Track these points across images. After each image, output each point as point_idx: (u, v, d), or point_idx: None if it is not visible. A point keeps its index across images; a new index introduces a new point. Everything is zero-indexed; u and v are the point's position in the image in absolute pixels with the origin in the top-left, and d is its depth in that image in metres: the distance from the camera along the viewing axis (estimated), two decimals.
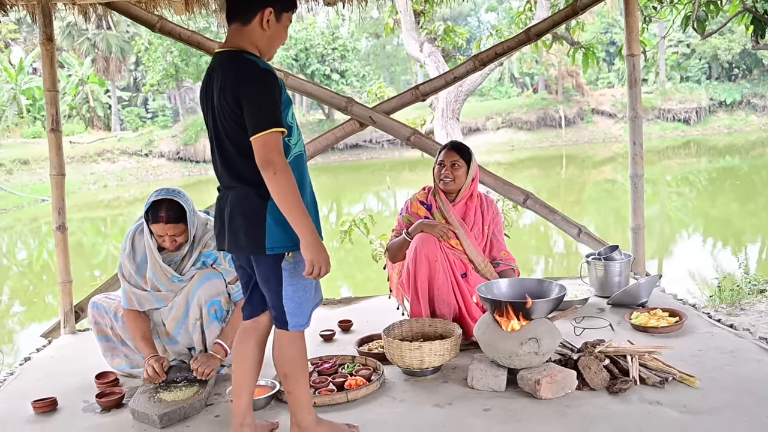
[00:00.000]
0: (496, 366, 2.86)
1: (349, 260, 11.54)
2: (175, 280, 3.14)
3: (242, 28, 2.26)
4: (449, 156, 3.41)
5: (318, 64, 29.86)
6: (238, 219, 2.28)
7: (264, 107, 2.15)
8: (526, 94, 35.82)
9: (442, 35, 8.23)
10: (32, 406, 2.97)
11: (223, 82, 2.20)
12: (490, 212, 3.54)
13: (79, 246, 14.37)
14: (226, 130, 2.24)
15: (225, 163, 2.29)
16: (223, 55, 2.27)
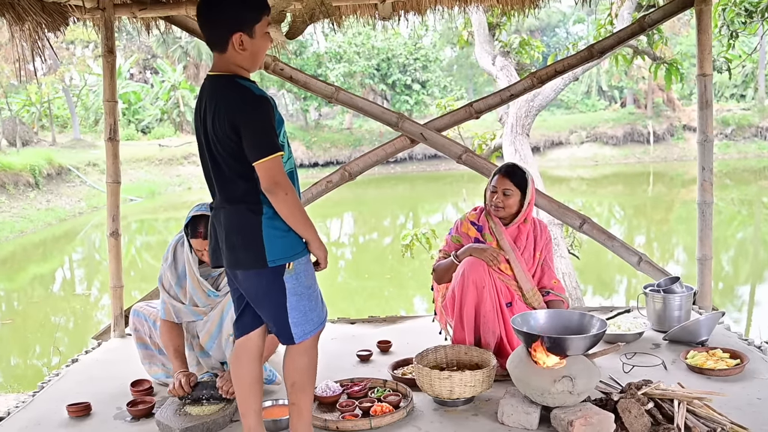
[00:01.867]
0: (528, 402, 2.70)
1: (407, 275, 11.47)
2: (211, 295, 3.15)
3: (223, 55, 2.32)
4: (502, 183, 3.26)
5: (399, 74, 29.91)
6: (235, 236, 2.33)
7: (263, 134, 2.23)
8: (613, 108, 34.66)
9: (518, 48, 8.05)
10: (67, 409, 3.04)
11: (217, 109, 2.25)
12: (543, 238, 3.37)
13: (164, 244, 14.94)
14: (221, 154, 2.29)
15: (220, 183, 2.34)
16: (215, 80, 2.32)
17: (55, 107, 31.36)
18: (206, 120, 2.30)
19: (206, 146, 2.34)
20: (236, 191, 2.31)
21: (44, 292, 11.75)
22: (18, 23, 3.38)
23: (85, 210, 20.02)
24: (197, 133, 2.39)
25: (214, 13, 2.30)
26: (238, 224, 2.32)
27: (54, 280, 12.93)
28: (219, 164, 2.31)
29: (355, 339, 3.95)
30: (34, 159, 20.51)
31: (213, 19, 2.31)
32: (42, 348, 8.08)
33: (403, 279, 11.28)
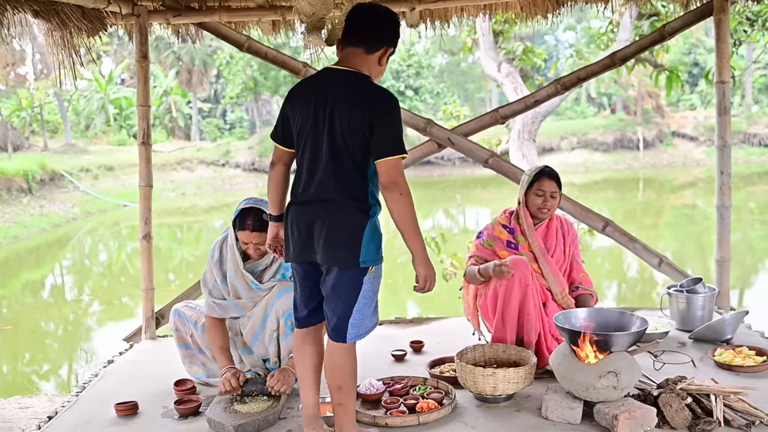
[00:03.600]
0: (571, 398, 2.79)
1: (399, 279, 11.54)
2: (254, 287, 3.21)
3: (365, 55, 2.47)
4: (549, 186, 3.35)
5: (393, 80, 30.09)
6: (339, 232, 2.39)
7: (396, 134, 2.37)
8: (603, 115, 35.01)
9: (521, 55, 8.18)
10: (115, 408, 3.09)
11: (356, 101, 2.36)
12: (570, 234, 3.49)
13: (156, 250, 14.89)
14: (348, 146, 2.37)
15: (337, 176, 2.38)
16: (348, 75, 2.43)
17: (45, 112, 31.18)
18: (333, 109, 2.36)
19: (327, 135, 2.38)
20: (352, 186, 2.39)
21: (38, 298, 11.69)
22: (61, 29, 3.45)
23: (79, 215, 19.92)
24: (308, 120, 2.42)
25: (384, 18, 2.51)
26: (346, 221, 2.38)
27: (45, 287, 12.87)
28: (340, 156, 2.37)
29: (386, 339, 4.03)
30: (27, 164, 20.39)
31: (381, 25, 2.50)
32: (46, 353, 8.07)
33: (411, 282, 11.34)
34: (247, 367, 3.32)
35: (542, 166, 3.43)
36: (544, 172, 3.40)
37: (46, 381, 6.96)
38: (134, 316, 9.80)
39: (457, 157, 28.23)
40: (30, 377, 7.05)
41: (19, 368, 7.42)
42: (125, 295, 11.28)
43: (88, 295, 11.16)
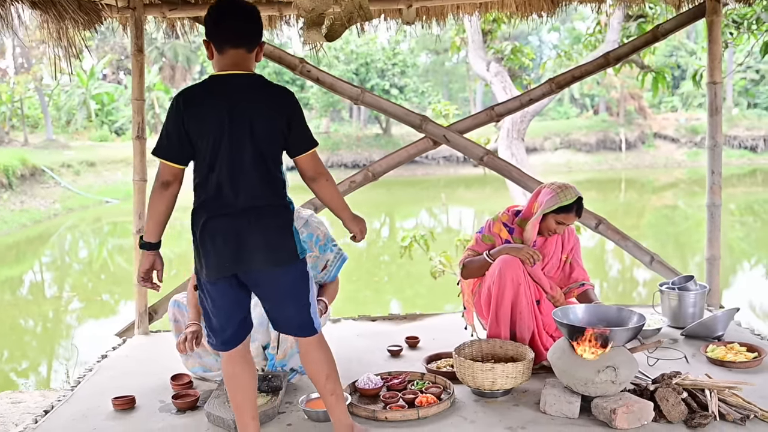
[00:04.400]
0: (570, 392, 2.83)
1: (400, 275, 11.57)
2: None
3: (248, 55, 2.41)
4: (571, 220, 3.33)
5: (378, 79, 30.09)
6: (276, 233, 2.38)
7: (308, 127, 2.43)
8: (586, 116, 35.32)
9: (509, 55, 8.23)
10: (112, 402, 3.08)
11: (269, 105, 2.35)
12: (570, 242, 3.50)
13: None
14: (269, 150, 2.36)
15: (263, 181, 2.36)
16: (248, 78, 2.37)
17: (26, 107, 30.79)
18: (252, 117, 2.31)
19: (249, 143, 2.32)
20: (277, 187, 2.39)
21: (17, 295, 11.54)
22: (58, 21, 3.42)
23: (60, 212, 19.69)
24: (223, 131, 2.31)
25: (254, 13, 2.43)
26: (279, 223, 2.39)
27: (24, 283, 12.71)
28: (264, 161, 2.34)
29: (381, 335, 4.05)
30: (7, 159, 20.09)
31: (255, 22, 2.43)
32: (25, 350, 7.97)
33: (396, 279, 11.36)
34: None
35: (576, 197, 3.29)
36: (580, 211, 3.33)
37: (25, 378, 6.88)
38: (115, 313, 9.75)
39: (441, 156, 28.32)
40: (8, 375, 6.97)
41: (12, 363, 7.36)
42: (106, 292, 11.18)
43: (68, 292, 11.05)
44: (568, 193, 3.29)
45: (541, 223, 3.34)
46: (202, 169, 2.36)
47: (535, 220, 3.32)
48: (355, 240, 2.63)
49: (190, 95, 2.37)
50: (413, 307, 5.66)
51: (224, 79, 2.36)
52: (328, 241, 3.38)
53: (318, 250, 3.33)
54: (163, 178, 2.38)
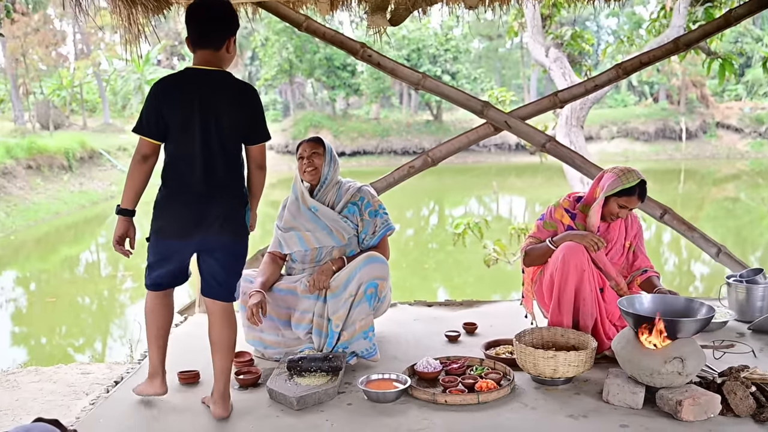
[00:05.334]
0: (634, 382, 2.78)
1: (449, 263, 11.54)
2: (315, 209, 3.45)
3: (216, 53, 2.67)
4: (635, 204, 3.27)
5: (430, 65, 29.86)
6: (238, 211, 2.74)
7: (265, 122, 2.74)
8: (644, 104, 34.34)
9: (569, 40, 8.07)
10: (178, 376, 3.17)
11: (231, 97, 2.66)
12: (633, 228, 3.44)
13: None
14: (232, 139, 2.69)
15: (227, 165, 2.69)
16: (214, 74, 2.66)
17: (84, 92, 31.69)
18: (218, 110, 2.63)
19: (215, 132, 2.64)
20: (238, 172, 2.75)
21: (78, 273, 11.94)
22: (129, 6, 3.50)
23: (116, 193, 20.23)
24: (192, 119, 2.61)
25: (220, 14, 2.68)
26: (240, 201, 2.75)
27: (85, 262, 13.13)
28: (228, 148, 2.68)
29: (437, 321, 4.05)
30: (68, 142, 20.76)
31: (219, 20, 2.67)
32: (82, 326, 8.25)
33: (444, 267, 11.34)
34: (310, 317, 3.36)
35: (640, 179, 3.25)
36: (639, 190, 3.26)
37: (82, 353, 7.13)
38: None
39: (492, 143, 28.03)
40: (66, 349, 7.24)
41: (56, 340, 7.63)
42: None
43: (122, 272, 11.36)
44: (631, 176, 3.25)
45: (603, 208, 3.29)
46: (172, 150, 2.69)
47: (598, 205, 3.27)
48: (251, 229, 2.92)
49: (167, 84, 2.69)
50: (461, 296, 5.66)
51: (196, 72, 2.66)
52: (379, 208, 3.54)
53: (368, 215, 3.49)
54: (142, 152, 2.67)
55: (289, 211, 3.54)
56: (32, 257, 12.64)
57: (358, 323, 3.25)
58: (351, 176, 3.65)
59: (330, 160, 3.48)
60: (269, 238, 3.71)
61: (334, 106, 33.01)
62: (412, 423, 2.68)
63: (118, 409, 2.92)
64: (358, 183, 3.62)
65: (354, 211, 3.48)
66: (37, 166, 18.21)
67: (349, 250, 3.47)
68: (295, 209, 3.51)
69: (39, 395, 3.80)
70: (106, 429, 2.74)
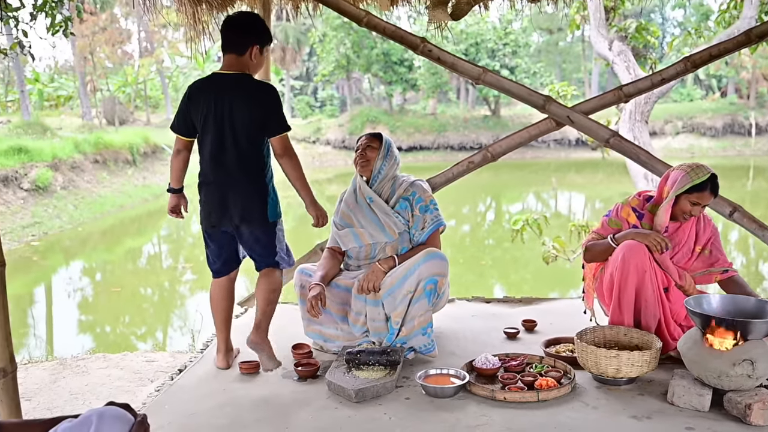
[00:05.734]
0: (700, 384, 2.70)
1: (506, 259, 11.41)
2: (370, 200, 3.48)
3: (239, 58, 3.09)
4: (707, 200, 3.14)
5: (488, 59, 29.57)
6: (255, 201, 3.11)
7: (282, 115, 3.09)
8: (712, 98, 33.15)
9: (634, 33, 7.86)
10: (239, 366, 3.24)
11: (246, 96, 3.03)
12: (706, 233, 3.28)
13: None
14: (243, 136, 3.05)
15: (238, 161, 3.07)
16: (233, 77, 3.07)
17: (148, 88, 32.60)
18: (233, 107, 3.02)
19: (229, 128, 3.04)
20: (254, 165, 3.10)
21: (141, 265, 12.29)
22: (195, 4, 3.58)
23: None
24: (210, 117, 3.05)
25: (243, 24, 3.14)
26: (254, 189, 3.11)
27: (147, 254, 13.50)
28: (238, 141, 3.05)
29: (496, 317, 4.02)
30: (132, 138, 21.41)
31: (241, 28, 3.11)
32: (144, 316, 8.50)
33: (500, 264, 11.23)
34: (364, 319, 3.38)
35: (710, 174, 3.13)
36: (711, 185, 3.13)
37: (143, 341, 7.35)
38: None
39: (552, 139, 27.58)
40: (128, 337, 7.48)
41: (120, 329, 7.90)
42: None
43: (182, 264, 11.66)
44: (700, 171, 3.13)
45: (674, 207, 3.18)
46: (200, 146, 3.16)
47: (668, 204, 3.16)
48: (316, 225, 3.30)
49: (194, 87, 3.14)
50: (518, 293, 5.58)
51: (220, 76, 3.09)
52: (430, 203, 3.51)
53: (418, 210, 3.48)
54: (176, 146, 3.24)
55: (345, 202, 3.59)
56: (98, 248, 13.10)
57: (417, 319, 3.25)
58: (407, 172, 3.67)
59: (385, 155, 3.49)
60: (327, 233, 3.75)
61: (391, 101, 33.05)
62: (470, 419, 2.67)
63: (182, 397, 3.01)
64: (412, 177, 3.61)
65: (405, 206, 3.47)
66: (103, 160, 18.84)
67: (401, 248, 3.45)
68: (352, 200, 3.56)
69: (107, 381, 3.94)
70: (170, 415, 2.82)
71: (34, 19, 4.33)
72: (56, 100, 33.28)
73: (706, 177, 3.10)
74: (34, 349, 6.65)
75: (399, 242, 3.45)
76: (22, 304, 8.63)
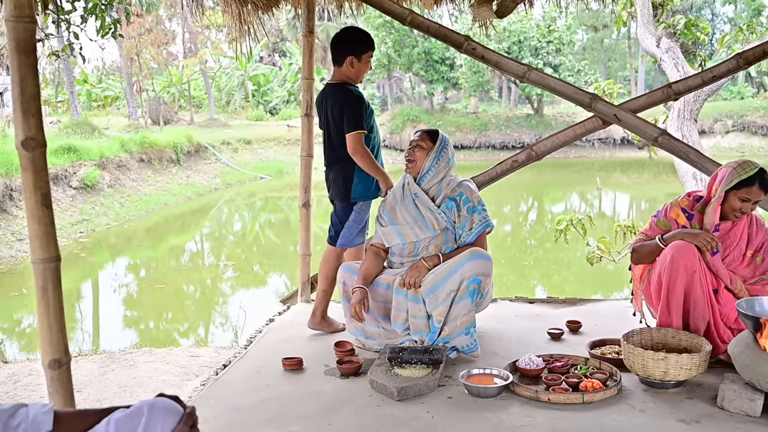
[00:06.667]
0: (752, 389, 2.63)
1: (548, 260, 11.28)
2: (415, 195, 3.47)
3: (338, 68, 3.71)
4: (757, 195, 3.05)
5: (531, 57, 29.17)
6: (341, 180, 3.72)
7: (354, 117, 3.58)
8: (763, 96, 32.13)
9: (683, 29, 7.68)
10: (282, 363, 3.28)
11: (334, 102, 3.65)
12: (759, 236, 3.19)
13: (286, 223, 15.51)
14: (333, 133, 3.69)
15: (331, 149, 3.75)
16: (333, 86, 3.71)
17: (192, 88, 33.14)
18: (328, 109, 3.68)
19: (327, 126, 3.73)
20: (339, 153, 3.68)
21: (184, 262, 12.49)
22: (241, 5, 3.63)
23: (220, 186, 21.07)
24: (320, 118, 3.82)
25: (340, 40, 3.70)
26: (343, 174, 3.71)
27: (190, 251, 13.71)
28: (331, 139, 3.73)
29: (539, 318, 3.98)
30: (176, 137, 21.73)
31: (338, 43, 3.69)
32: (186, 312, 8.64)
33: (542, 264, 11.11)
34: (405, 316, 3.36)
35: (758, 168, 3.07)
36: (759, 180, 3.05)
37: (186, 337, 7.46)
38: (265, 283, 10.33)
39: (596, 138, 27.11)
40: (171, 333, 7.61)
41: (164, 325, 8.05)
42: (257, 263, 11.87)
43: (224, 262, 11.80)
44: (747, 166, 3.07)
45: (723, 205, 3.10)
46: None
47: (716, 202, 3.09)
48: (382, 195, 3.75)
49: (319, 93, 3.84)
50: (561, 294, 5.50)
51: (327, 85, 3.76)
52: (478, 204, 3.46)
53: (466, 211, 3.45)
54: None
55: (392, 195, 3.61)
56: (143, 245, 13.37)
57: (460, 319, 3.23)
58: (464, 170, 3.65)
59: (438, 156, 3.47)
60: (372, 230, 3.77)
61: (432, 100, 32.93)
62: (513, 419, 2.65)
63: (226, 391, 3.05)
64: (459, 177, 3.57)
65: (451, 206, 3.43)
66: (148, 159, 19.21)
67: (446, 247, 3.43)
68: (399, 195, 3.56)
69: (154, 374, 4.03)
70: (215, 409, 2.86)
71: (85, 21, 4.46)
72: (104, 100, 34.09)
73: (754, 171, 3.03)
74: (82, 343, 6.82)
75: (443, 241, 3.43)
76: (70, 299, 8.86)
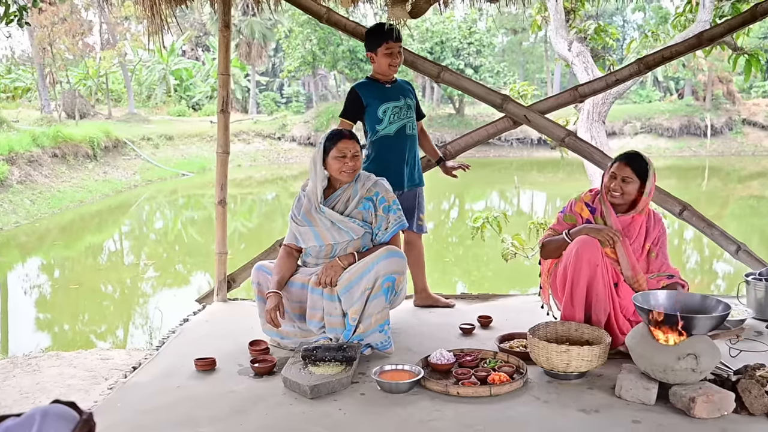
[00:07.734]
0: (647, 378, 2.78)
1: (468, 257, 11.52)
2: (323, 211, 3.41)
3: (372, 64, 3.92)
4: (621, 170, 3.27)
5: (453, 58, 29.71)
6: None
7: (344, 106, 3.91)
8: (669, 99, 33.86)
9: (593, 35, 7.99)
10: (195, 363, 3.22)
11: None
12: (655, 230, 3.38)
13: (209, 221, 15.22)
14: None
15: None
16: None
17: (110, 81, 31.99)
18: None
19: None
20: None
21: (102, 262, 12.07)
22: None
23: (140, 183, 20.48)
24: None
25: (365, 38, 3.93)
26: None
27: (108, 250, 13.27)
28: None
29: (453, 313, 4.07)
30: (93, 131, 20.97)
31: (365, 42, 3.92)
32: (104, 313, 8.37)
33: (463, 261, 11.32)
34: (321, 314, 3.35)
35: (629, 152, 3.34)
36: (623, 156, 3.32)
37: (103, 340, 7.23)
38: (187, 282, 10.10)
39: (514, 138, 27.88)
40: (88, 335, 7.35)
41: (79, 327, 7.75)
42: (179, 262, 11.60)
43: (144, 261, 11.48)
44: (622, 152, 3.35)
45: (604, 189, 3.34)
46: None
47: (603, 190, 3.33)
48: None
49: None
50: (479, 290, 5.65)
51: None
52: (393, 204, 3.49)
53: (382, 210, 3.46)
54: None
55: (304, 206, 3.49)
56: (57, 245, 12.82)
57: (374, 316, 3.26)
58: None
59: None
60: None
61: None
62: (423, 414, 2.70)
63: (135, 394, 2.98)
64: (374, 176, 3.56)
65: (368, 206, 3.44)
66: (62, 154, 18.43)
67: (363, 246, 3.44)
68: (309, 207, 3.47)
69: (59, 380, 3.88)
70: (123, 413, 2.79)
71: None
72: (13, 91, 32.44)
73: (624, 154, 3.31)
74: None
75: (361, 241, 3.44)
76: None
